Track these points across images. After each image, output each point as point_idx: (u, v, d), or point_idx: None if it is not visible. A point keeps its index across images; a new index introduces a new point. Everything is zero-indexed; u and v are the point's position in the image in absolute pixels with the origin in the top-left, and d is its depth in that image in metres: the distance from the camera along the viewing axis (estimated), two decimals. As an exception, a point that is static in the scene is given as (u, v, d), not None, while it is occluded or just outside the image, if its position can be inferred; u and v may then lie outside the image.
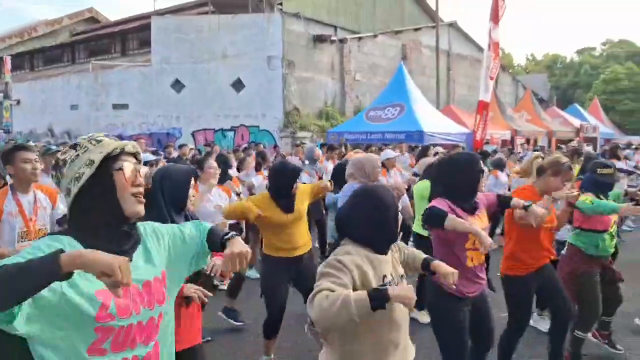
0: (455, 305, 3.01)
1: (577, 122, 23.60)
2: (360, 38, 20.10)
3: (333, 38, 18.79)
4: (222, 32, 17.11)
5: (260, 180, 6.96)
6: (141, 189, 1.55)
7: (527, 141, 19.40)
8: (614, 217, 4.11)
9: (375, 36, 20.71)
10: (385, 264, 2.23)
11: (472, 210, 3.11)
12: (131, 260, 1.50)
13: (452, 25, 25.13)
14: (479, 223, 3.06)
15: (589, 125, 24.10)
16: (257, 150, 9.45)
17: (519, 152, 13.67)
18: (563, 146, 16.59)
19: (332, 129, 15.97)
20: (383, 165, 7.53)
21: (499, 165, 8.73)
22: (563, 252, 4.25)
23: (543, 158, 3.82)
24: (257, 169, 7.50)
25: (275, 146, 16.16)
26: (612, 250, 4.22)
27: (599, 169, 4.05)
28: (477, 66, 26.21)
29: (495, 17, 14.25)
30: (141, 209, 1.54)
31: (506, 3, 14.27)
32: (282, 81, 16.81)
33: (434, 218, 2.89)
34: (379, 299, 1.88)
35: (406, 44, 22.03)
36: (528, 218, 3.21)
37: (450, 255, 3.00)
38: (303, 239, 4.13)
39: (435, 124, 14.60)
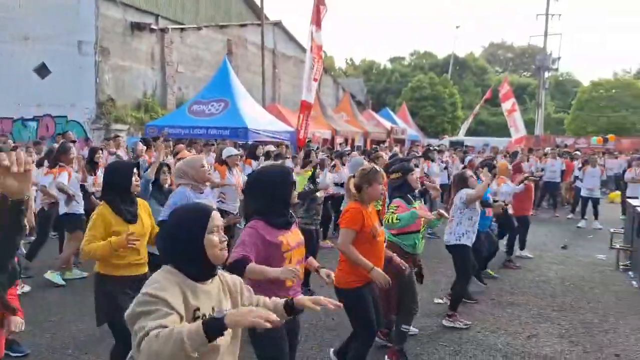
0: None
1: (388, 125, 25.79)
2: (183, 29, 19.35)
3: (153, 27, 17.77)
4: (26, 11, 15.07)
5: (49, 179, 6.24)
6: None
7: (346, 140, 20.60)
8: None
9: (199, 28, 20.13)
10: (207, 294, 1.99)
11: (286, 225, 3.00)
12: None
13: (278, 24, 25.59)
14: (294, 238, 2.99)
15: (398, 128, 26.53)
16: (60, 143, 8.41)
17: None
18: (377, 146, 17.95)
19: (151, 122, 15.08)
20: (225, 162, 7.24)
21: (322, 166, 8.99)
22: None
23: (353, 176, 3.91)
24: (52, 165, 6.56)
25: (87, 139, 14.76)
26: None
27: (391, 176, 4.52)
28: (301, 66, 27.02)
29: (316, 20, 14.79)
30: None
31: (327, 7, 14.90)
32: (95, 69, 15.38)
33: (237, 268, 2.68)
34: (216, 328, 1.64)
35: (231, 39, 21.82)
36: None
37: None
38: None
39: (260, 121, 14.66)
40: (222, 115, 14.20)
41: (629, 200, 8.91)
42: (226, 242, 2.03)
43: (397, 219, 4.17)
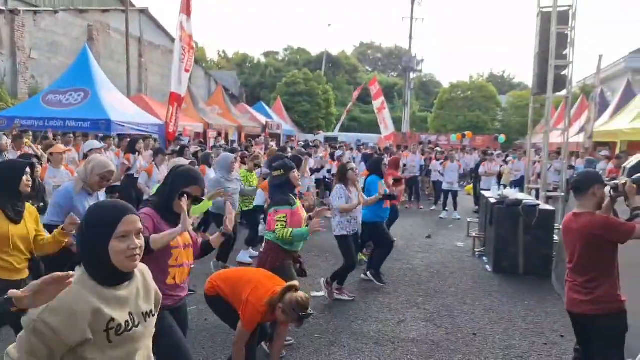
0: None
1: (263, 119, 25.69)
2: (36, 12, 17.51)
3: (1, 7, 15.86)
4: None
5: None
6: None
7: (219, 134, 20.13)
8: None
9: (56, 12, 18.36)
10: (120, 301, 1.83)
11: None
12: None
13: (144, 11, 24.24)
14: (184, 239, 3.09)
15: (274, 123, 26.54)
16: None
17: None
18: (253, 140, 17.78)
19: (0, 113, 13.45)
20: (85, 156, 6.63)
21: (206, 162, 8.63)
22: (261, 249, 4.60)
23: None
24: None
25: None
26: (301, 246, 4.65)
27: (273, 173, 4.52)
28: (170, 56, 25.94)
29: (186, 9, 14.21)
30: None
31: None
32: None
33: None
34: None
35: (92, 25, 20.24)
36: None
37: (156, 270, 2.71)
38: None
39: (125, 112, 13.73)
40: (82, 105, 13.07)
41: (483, 192, 9.74)
42: (138, 250, 1.81)
43: (290, 236, 4.26)
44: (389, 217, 8.68)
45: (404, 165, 14.16)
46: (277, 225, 4.28)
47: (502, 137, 27.71)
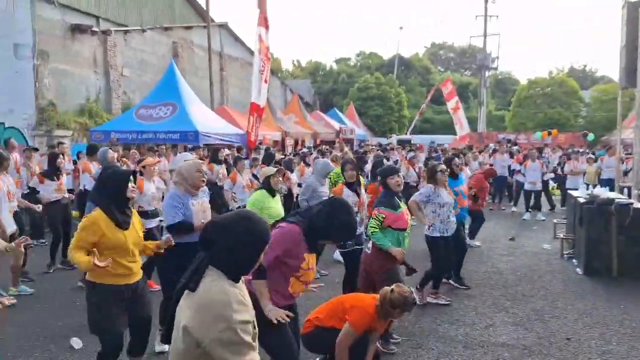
0: None
1: (337, 125, 26.05)
2: (127, 31, 18.81)
3: (95, 29, 17.18)
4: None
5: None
6: None
7: (296, 142, 20.63)
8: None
9: (143, 31, 19.62)
10: None
11: None
12: None
13: (223, 26, 25.31)
14: None
15: (347, 128, 26.83)
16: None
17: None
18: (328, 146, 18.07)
19: (97, 128, 14.59)
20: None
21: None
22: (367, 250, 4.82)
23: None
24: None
25: (34, 148, 14.13)
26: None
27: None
28: (248, 68, 26.86)
29: (264, 22, 14.77)
30: None
31: (272, 9, 14.90)
32: (34, 73, 14.71)
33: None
34: None
35: (177, 41, 21.41)
36: None
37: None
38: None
39: (210, 124, 14.47)
40: (171, 119, 13.92)
41: (570, 192, 9.39)
42: None
43: (372, 234, 4.59)
44: (473, 221, 8.70)
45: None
46: (371, 221, 4.50)
47: (591, 135, 26.14)
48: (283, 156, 12.36)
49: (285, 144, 19.40)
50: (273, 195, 5.74)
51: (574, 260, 8.06)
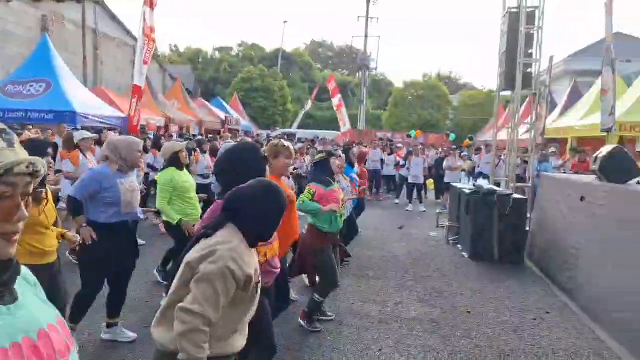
0: None
1: (221, 114, 25.51)
2: (-13, -3, 16.71)
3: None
4: None
5: None
6: (15, 227, 1.01)
7: (181, 128, 19.87)
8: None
9: (8, 0, 17.56)
10: None
11: None
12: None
13: (99, 2, 23.51)
14: None
15: (232, 118, 26.40)
16: None
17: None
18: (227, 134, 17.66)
19: (-48, 104, 12.80)
20: (77, 146, 6.55)
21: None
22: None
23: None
24: None
25: None
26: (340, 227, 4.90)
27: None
28: (124, 49, 25.32)
29: (149, 1, 13.99)
30: (7, 252, 1.01)
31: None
32: None
33: None
34: None
35: (47, 15, 19.48)
36: None
37: None
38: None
39: (88, 104, 13.40)
40: (44, 96, 12.67)
41: (454, 184, 10.20)
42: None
43: (302, 204, 4.53)
44: (357, 209, 9.07)
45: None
46: (302, 194, 4.60)
47: (452, 135, 28.61)
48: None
49: (170, 130, 18.57)
50: (181, 169, 5.51)
51: (458, 245, 8.78)
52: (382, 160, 15.85)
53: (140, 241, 7.79)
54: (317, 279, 4.96)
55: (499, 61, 10.08)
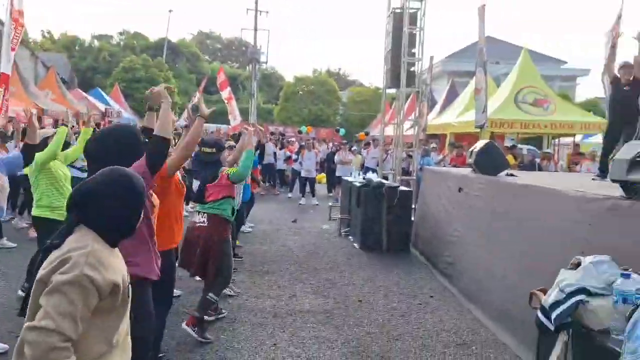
0: None
1: (101, 106, 23.96)
2: None
3: None
4: None
5: None
6: None
7: (56, 121, 18.35)
8: None
9: None
10: None
11: None
12: None
13: (-44, -22, 20.94)
14: None
15: (113, 110, 24.89)
16: None
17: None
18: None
19: None
20: None
21: None
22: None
23: None
24: None
25: None
26: None
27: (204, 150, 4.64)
28: (-11, 33, 22.84)
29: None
30: None
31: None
32: None
33: None
34: None
35: None
36: None
37: None
38: None
39: (-56, 92, 11.90)
40: None
41: (345, 178, 10.47)
42: None
43: (234, 171, 4.53)
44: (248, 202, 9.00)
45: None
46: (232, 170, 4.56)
47: (342, 130, 29.47)
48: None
49: (43, 123, 17.07)
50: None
51: (350, 237, 9.04)
52: (275, 154, 15.87)
53: (9, 244, 7.22)
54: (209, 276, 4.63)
55: (384, 59, 10.49)
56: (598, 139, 16.14)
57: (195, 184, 4.61)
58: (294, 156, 14.78)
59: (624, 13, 11.59)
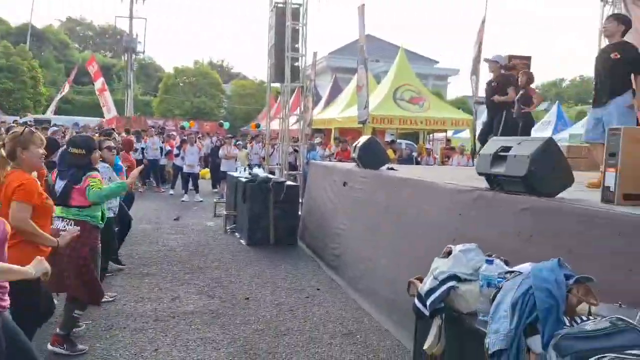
0: None
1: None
2: None
3: None
4: None
5: None
6: None
7: None
8: None
9: None
10: None
11: None
12: None
13: None
14: None
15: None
16: None
17: None
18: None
19: None
20: None
21: None
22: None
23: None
24: None
25: None
26: None
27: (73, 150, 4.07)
28: None
29: None
30: None
31: None
32: None
33: None
34: None
35: None
36: None
37: None
38: None
39: None
40: None
41: (231, 173, 10.28)
42: None
43: (99, 189, 3.98)
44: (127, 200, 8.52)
45: (143, 149, 13.94)
46: (94, 182, 3.96)
47: (227, 124, 28.96)
48: None
49: None
50: None
51: (236, 234, 8.91)
52: (161, 149, 15.15)
53: None
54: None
55: (268, 54, 10.45)
56: (467, 134, 17.53)
57: (60, 184, 4.04)
58: (175, 151, 14.21)
59: (487, 17, 12.66)
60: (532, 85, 7.38)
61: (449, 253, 2.87)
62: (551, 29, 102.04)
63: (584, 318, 1.99)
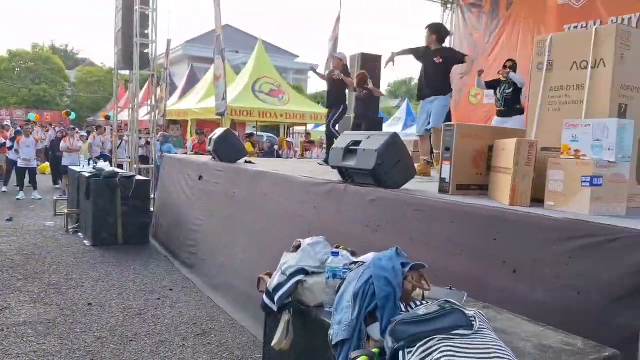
0: None
1: None
2: None
3: None
4: None
5: None
6: None
7: None
8: None
9: None
10: None
11: None
12: None
13: None
14: None
15: None
16: None
17: None
18: None
19: None
20: None
21: None
22: None
23: None
24: None
25: None
26: None
27: None
28: None
29: None
30: None
31: None
32: None
33: None
34: None
35: None
36: None
37: None
38: None
39: None
40: None
41: (73, 168, 9.39)
42: None
43: None
44: None
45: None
46: None
47: (73, 114, 26.58)
48: None
49: None
50: None
51: (79, 234, 8.18)
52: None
53: None
54: None
55: (115, 39, 9.72)
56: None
57: None
58: (8, 143, 12.66)
59: (341, 15, 13.10)
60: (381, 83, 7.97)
61: (298, 247, 2.85)
62: (403, 29, 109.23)
63: (418, 303, 2.08)
